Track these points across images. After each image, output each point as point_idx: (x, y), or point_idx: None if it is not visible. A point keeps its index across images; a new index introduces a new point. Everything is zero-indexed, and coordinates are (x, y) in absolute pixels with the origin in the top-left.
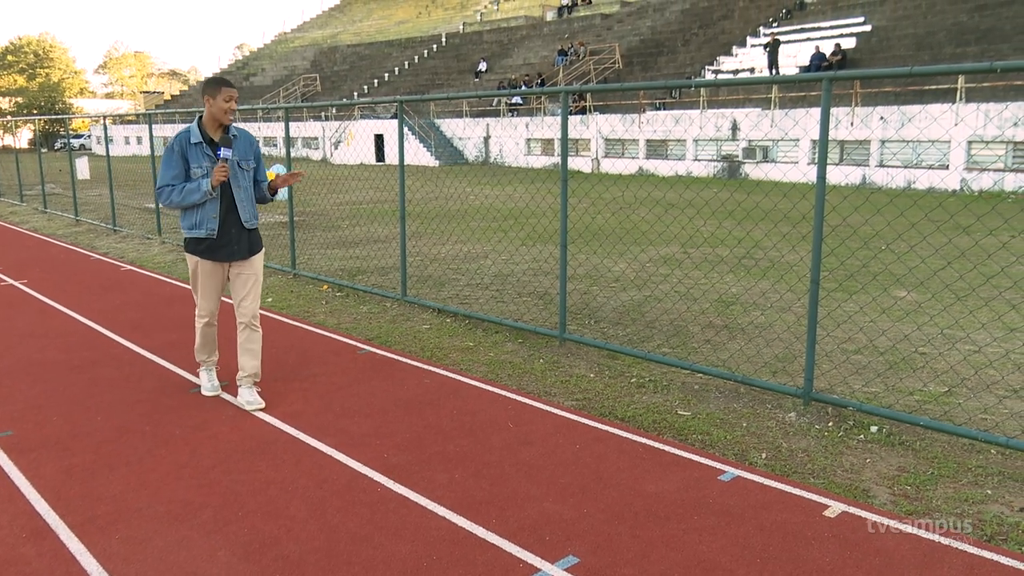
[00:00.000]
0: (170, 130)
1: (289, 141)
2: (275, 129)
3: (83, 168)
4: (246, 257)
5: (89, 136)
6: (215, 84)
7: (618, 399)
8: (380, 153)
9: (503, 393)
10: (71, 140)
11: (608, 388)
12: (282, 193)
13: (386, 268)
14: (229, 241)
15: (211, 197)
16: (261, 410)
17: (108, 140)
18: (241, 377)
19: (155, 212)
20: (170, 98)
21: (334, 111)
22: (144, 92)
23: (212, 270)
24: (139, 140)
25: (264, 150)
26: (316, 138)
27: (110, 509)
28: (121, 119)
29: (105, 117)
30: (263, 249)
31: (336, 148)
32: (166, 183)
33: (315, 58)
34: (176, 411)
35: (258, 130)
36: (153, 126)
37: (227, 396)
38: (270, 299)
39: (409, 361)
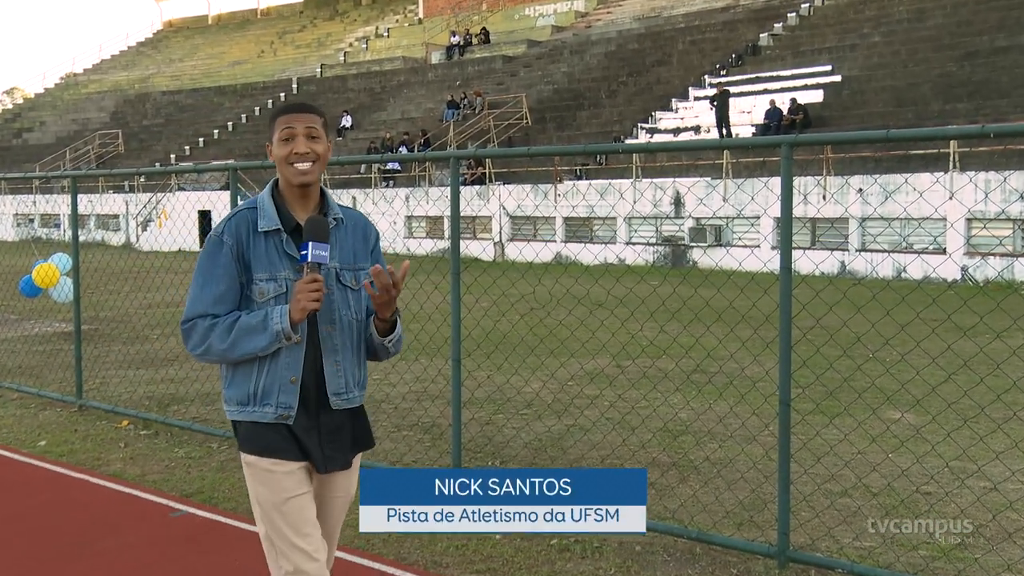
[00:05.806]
0: None
1: (77, 220)
2: (58, 204)
3: None
4: (348, 464)
5: None
6: (272, 116)
7: (534, 569)
8: (207, 236)
9: (373, 565)
10: None
11: (520, 554)
12: (63, 292)
13: (213, 394)
14: (319, 428)
15: (290, 342)
16: None
17: None
18: None
19: None
20: None
21: (142, 180)
22: None
23: (301, 481)
24: None
25: (41, 232)
26: (117, 216)
27: None
28: None
29: None
30: (373, 446)
31: (145, 230)
32: (201, 312)
33: (117, 108)
34: None
35: (34, 204)
36: None
37: None
38: (43, 442)
39: (244, 525)
